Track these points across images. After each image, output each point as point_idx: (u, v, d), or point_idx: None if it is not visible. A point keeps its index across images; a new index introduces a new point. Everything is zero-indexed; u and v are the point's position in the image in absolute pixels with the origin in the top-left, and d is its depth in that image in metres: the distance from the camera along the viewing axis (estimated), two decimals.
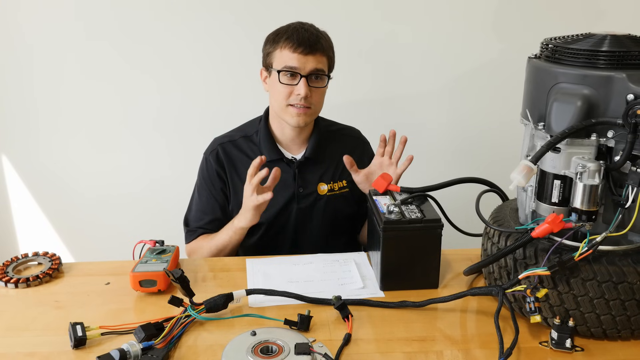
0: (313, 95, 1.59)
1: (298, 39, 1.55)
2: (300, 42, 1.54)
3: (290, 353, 0.99)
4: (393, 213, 1.26)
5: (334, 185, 1.71)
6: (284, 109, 1.60)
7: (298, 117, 1.60)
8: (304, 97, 1.56)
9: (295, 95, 1.57)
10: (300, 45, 1.54)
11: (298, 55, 1.55)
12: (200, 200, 1.71)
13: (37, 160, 2.34)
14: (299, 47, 1.54)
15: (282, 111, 1.61)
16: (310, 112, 1.61)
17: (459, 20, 2.26)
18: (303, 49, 1.54)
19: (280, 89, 1.57)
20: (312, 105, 1.60)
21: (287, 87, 1.57)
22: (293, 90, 1.57)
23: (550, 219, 1.06)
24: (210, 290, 1.25)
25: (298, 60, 1.55)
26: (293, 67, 1.55)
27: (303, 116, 1.60)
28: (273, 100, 1.63)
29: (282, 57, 1.56)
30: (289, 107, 1.59)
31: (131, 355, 1.00)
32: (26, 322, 1.16)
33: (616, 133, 1.04)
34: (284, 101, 1.58)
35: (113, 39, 2.20)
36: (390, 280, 1.27)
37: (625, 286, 1.03)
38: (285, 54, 1.56)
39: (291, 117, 1.60)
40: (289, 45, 1.55)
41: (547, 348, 1.06)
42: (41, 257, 1.40)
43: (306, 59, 1.55)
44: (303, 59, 1.55)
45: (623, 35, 1.10)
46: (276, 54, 1.58)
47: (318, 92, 1.61)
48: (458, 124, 2.39)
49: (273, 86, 1.60)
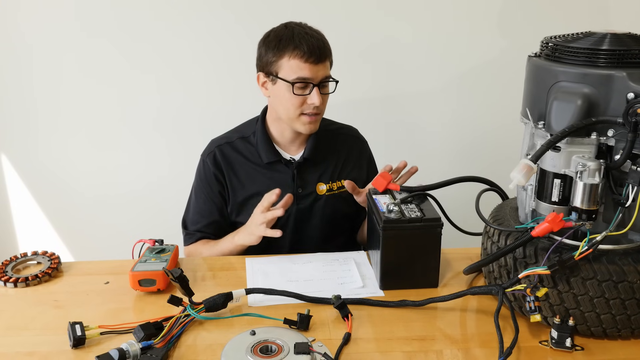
0: (323, 102, 1.58)
1: (308, 48, 1.50)
2: (311, 52, 1.50)
3: (290, 352, 0.98)
4: (393, 212, 1.25)
5: (333, 185, 1.70)
6: (296, 118, 1.58)
7: (311, 125, 1.59)
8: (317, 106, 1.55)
9: (308, 105, 1.55)
10: (311, 55, 1.51)
11: (310, 65, 1.51)
12: (197, 202, 1.71)
13: (37, 160, 2.34)
14: (310, 57, 1.51)
15: (292, 121, 1.59)
16: (319, 117, 1.61)
17: (460, 19, 2.25)
18: (314, 58, 1.51)
19: (294, 100, 1.54)
20: (321, 111, 1.61)
21: (300, 97, 1.54)
22: (306, 100, 1.55)
23: (550, 218, 1.06)
24: (210, 290, 1.24)
25: (310, 71, 1.52)
26: (306, 79, 1.52)
27: (315, 123, 1.60)
28: (282, 110, 1.59)
29: (291, 68, 1.52)
30: (302, 116, 1.57)
31: (130, 354, 1.00)
32: (25, 322, 1.16)
33: (616, 132, 1.04)
34: (296, 111, 1.56)
35: (113, 38, 2.19)
36: (390, 279, 1.27)
37: (625, 285, 1.03)
38: (296, 64, 1.51)
39: (303, 125, 1.59)
40: (299, 55, 1.51)
41: (547, 347, 1.06)
42: (40, 257, 1.40)
43: (317, 68, 1.53)
44: (315, 69, 1.52)
45: (623, 34, 1.10)
46: (283, 63, 1.53)
47: (326, 98, 1.61)
48: (458, 123, 2.38)
49: (281, 96, 1.57)
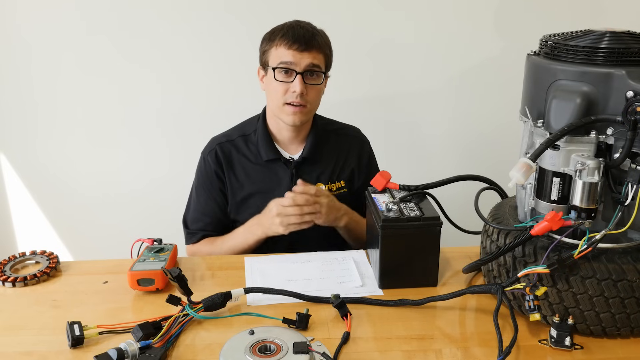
0: (309, 93, 1.57)
1: (293, 36, 1.54)
2: (295, 39, 1.53)
3: (289, 352, 0.98)
4: (392, 211, 1.25)
5: (332, 185, 1.69)
6: (281, 107, 1.59)
7: (294, 116, 1.59)
8: (299, 94, 1.55)
9: (290, 93, 1.56)
10: (295, 42, 1.53)
11: (293, 52, 1.53)
12: (198, 201, 1.71)
13: (36, 159, 2.34)
14: (294, 44, 1.53)
15: (278, 110, 1.60)
16: (306, 110, 1.60)
17: (462, 19, 2.25)
18: (299, 45, 1.53)
19: (276, 86, 1.56)
20: (308, 104, 1.59)
21: (283, 84, 1.55)
22: (289, 88, 1.56)
23: (550, 217, 1.05)
24: (209, 289, 1.24)
25: (293, 57, 1.54)
26: (288, 63, 1.54)
27: (299, 115, 1.59)
28: (270, 99, 1.62)
29: (277, 54, 1.55)
30: (285, 105, 1.58)
31: (129, 354, 0.99)
32: (24, 321, 1.16)
33: (616, 130, 1.04)
34: (280, 99, 1.57)
35: (112, 37, 2.19)
36: (389, 278, 1.27)
37: (624, 284, 1.02)
38: (281, 50, 1.55)
39: (287, 116, 1.59)
40: (285, 42, 1.54)
41: (547, 346, 1.06)
42: (39, 256, 1.40)
43: (301, 55, 1.54)
44: (298, 55, 1.54)
45: (622, 32, 1.10)
46: (272, 51, 1.57)
47: (314, 90, 1.59)
48: (457, 123, 2.38)
49: (269, 84, 1.59)
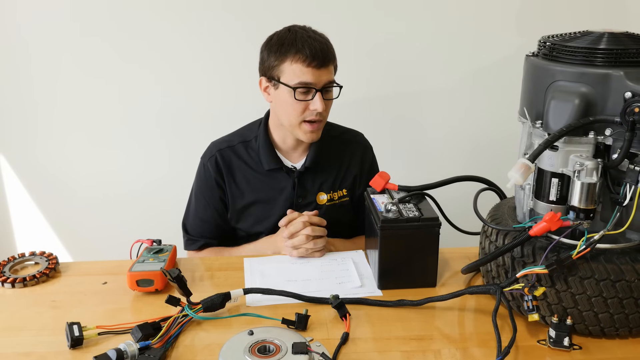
0: (326, 108, 1.53)
1: (311, 52, 1.45)
2: (313, 56, 1.46)
3: (288, 352, 0.98)
4: (391, 212, 1.25)
5: (334, 194, 1.65)
6: (297, 125, 1.53)
7: (312, 134, 1.54)
8: (320, 112, 1.51)
9: (310, 111, 1.50)
10: (314, 59, 1.46)
11: (312, 70, 1.46)
12: (198, 207, 1.68)
13: (35, 160, 2.34)
14: (313, 61, 1.46)
15: (293, 127, 1.54)
16: (322, 125, 1.56)
17: (465, 20, 2.24)
18: (317, 62, 1.46)
19: (296, 106, 1.50)
20: (324, 118, 1.56)
21: (302, 103, 1.49)
22: (308, 106, 1.50)
23: (548, 217, 1.06)
24: (208, 290, 1.24)
25: (312, 75, 1.47)
26: (308, 83, 1.47)
27: (317, 132, 1.55)
28: (284, 116, 1.54)
29: (294, 72, 1.47)
30: (303, 123, 1.53)
31: (128, 355, 0.99)
32: (23, 322, 1.16)
33: (614, 131, 1.04)
34: (298, 117, 1.51)
35: (112, 38, 2.19)
36: (388, 279, 1.27)
37: (623, 284, 1.03)
38: (298, 68, 1.47)
39: (304, 134, 1.54)
40: (301, 59, 1.46)
41: (545, 346, 1.06)
42: (38, 257, 1.40)
43: (320, 73, 1.48)
44: (317, 73, 1.47)
45: (621, 33, 1.10)
46: (285, 67, 1.49)
47: (330, 104, 1.55)
48: (457, 123, 2.38)
49: (283, 101, 1.52)
